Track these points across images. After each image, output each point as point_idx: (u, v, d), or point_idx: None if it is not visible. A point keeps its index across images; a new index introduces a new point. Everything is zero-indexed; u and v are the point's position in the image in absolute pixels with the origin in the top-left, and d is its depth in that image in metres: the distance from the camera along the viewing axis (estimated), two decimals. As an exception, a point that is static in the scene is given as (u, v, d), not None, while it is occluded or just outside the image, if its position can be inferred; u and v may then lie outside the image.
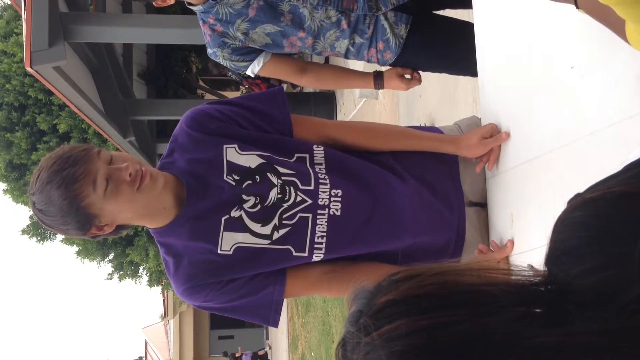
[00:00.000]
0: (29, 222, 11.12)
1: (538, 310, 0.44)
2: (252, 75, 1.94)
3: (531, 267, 0.49)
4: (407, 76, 1.95)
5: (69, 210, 1.23)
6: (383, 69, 1.98)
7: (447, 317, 0.42)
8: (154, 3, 1.82)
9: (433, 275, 0.46)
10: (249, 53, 1.85)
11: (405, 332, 0.42)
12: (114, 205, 1.26)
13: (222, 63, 1.90)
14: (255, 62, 1.87)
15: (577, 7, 0.94)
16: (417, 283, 0.45)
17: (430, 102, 4.44)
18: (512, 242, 1.39)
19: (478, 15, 1.57)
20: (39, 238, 11.20)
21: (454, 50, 1.87)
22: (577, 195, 0.54)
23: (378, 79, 1.96)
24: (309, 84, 2.06)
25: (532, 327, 0.42)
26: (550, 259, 0.50)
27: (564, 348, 0.40)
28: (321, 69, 2.09)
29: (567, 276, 0.47)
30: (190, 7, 1.83)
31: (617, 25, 0.86)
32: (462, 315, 0.42)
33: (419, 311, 0.43)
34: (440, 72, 2.04)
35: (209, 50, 1.87)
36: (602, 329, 0.41)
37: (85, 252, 11.67)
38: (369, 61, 1.90)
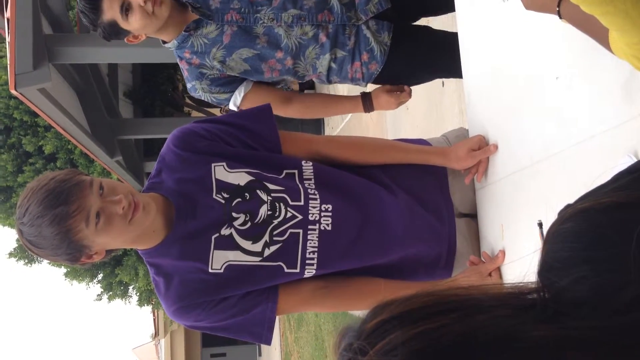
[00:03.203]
0: (16, 245, 11.00)
1: (531, 310, 0.44)
2: (236, 109, 1.84)
3: (523, 282, 0.50)
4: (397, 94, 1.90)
5: (60, 244, 1.21)
6: (368, 89, 1.94)
7: (440, 322, 0.42)
8: (125, 40, 1.78)
9: (419, 294, 0.46)
10: (229, 84, 1.81)
11: (401, 342, 0.42)
12: (106, 237, 1.25)
13: (203, 98, 1.84)
14: (237, 92, 1.82)
15: (560, 18, 0.95)
16: (404, 301, 0.45)
17: (417, 114, 4.47)
18: (503, 252, 1.39)
19: (462, 27, 1.58)
20: (26, 261, 11.09)
21: (438, 55, 1.84)
22: (568, 206, 0.54)
23: (366, 100, 1.91)
24: (296, 113, 1.97)
25: (525, 323, 0.42)
26: (542, 270, 0.50)
27: (559, 341, 0.40)
28: (307, 97, 2.03)
29: (559, 286, 0.47)
30: (165, 46, 1.79)
31: (600, 35, 0.87)
32: (454, 318, 0.42)
33: (411, 322, 0.43)
34: (425, 80, 2.01)
35: (188, 85, 1.83)
36: (594, 325, 0.41)
37: (74, 274, 11.57)
38: (352, 79, 1.85)
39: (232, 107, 1.84)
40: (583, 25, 0.92)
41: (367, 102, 1.91)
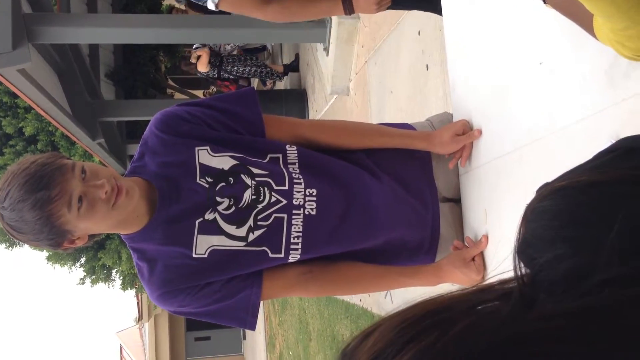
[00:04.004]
0: (-3, 228, 10.88)
1: (508, 302, 0.44)
2: (214, 9, 1.76)
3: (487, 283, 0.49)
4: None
5: (41, 229, 1.19)
6: None
7: (423, 342, 0.41)
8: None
9: (391, 320, 0.45)
10: None
11: None
12: (88, 222, 1.24)
13: None
14: None
15: (545, 3, 0.95)
16: (379, 336, 0.44)
17: (401, 97, 4.46)
18: (486, 237, 1.40)
19: (447, 12, 1.57)
20: (7, 244, 10.98)
21: None
22: (546, 185, 0.54)
23: (346, 1, 1.82)
24: (275, 15, 1.87)
25: (506, 319, 0.42)
26: (520, 248, 0.50)
27: (529, 334, 0.40)
28: None
29: (536, 265, 0.47)
30: None
31: (584, 20, 0.87)
32: (437, 332, 0.41)
33: (395, 353, 0.41)
34: (407, 6, 1.94)
35: None
36: (562, 311, 0.41)
37: (56, 257, 11.48)
38: None
39: (210, 5, 1.77)
40: (567, 10, 0.92)
41: (346, 3, 1.83)
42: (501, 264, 0.53)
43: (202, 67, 8.04)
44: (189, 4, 6.87)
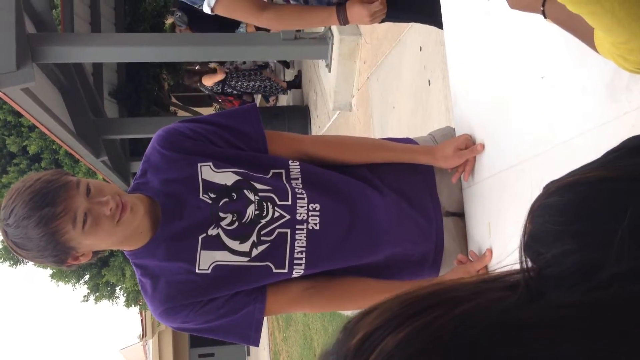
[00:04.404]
0: (1, 247, 10.88)
1: (515, 292, 0.44)
2: (210, 12, 1.77)
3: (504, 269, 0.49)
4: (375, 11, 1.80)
5: (46, 245, 1.20)
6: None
7: (427, 317, 0.41)
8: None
9: (394, 298, 0.45)
10: None
11: (394, 346, 0.40)
12: (93, 239, 1.24)
13: None
14: None
15: (545, 17, 0.95)
16: (381, 311, 0.44)
17: (404, 112, 4.48)
18: (490, 251, 1.40)
19: (448, 26, 1.58)
20: (11, 262, 10.97)
21: None
22: (553, 182, 0.54)
23: (341, 11, 1.81)
24: (269, 23, 1.88)
25: (511, 306, 0.42)
26: (526, 245, 0.50)
27: (539, 323, 0.40)
28: (282, 6, 1.92)
29: (543, 260, 0.46)
30: None
31: (585, 34, 0.87)
32: (441, 310, 0.41)
33: (397, 325, 0.41)
34: (403, 18, 1.96)
35: None
36: (570, 302, 0.41)
37: (60, 275, 11.47)
38: (329, 3, 1.81)
39: (205, 9, 1.76)
40: (568, 24, 0.93)
41: (341, 13, 1.83)
42: (509, 256, 0.53)
43: (209, 81, 8.06)
44: (189, 26, 6.92)
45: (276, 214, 1.35)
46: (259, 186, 1.36)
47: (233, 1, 1.76)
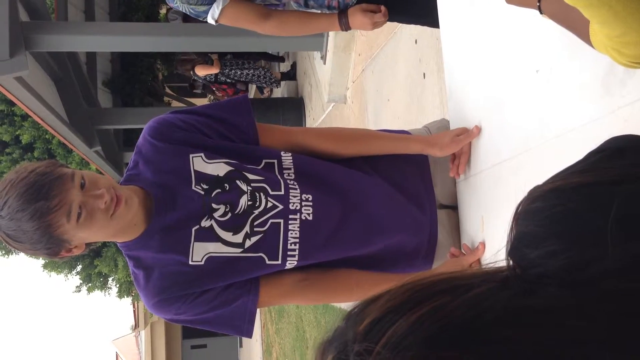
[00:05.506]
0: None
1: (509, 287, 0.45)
2: (214, 23, 1.80)
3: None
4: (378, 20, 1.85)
5: (40, 238, 1.19)
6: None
7: (437, 302, 0.42)
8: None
9: (403, 284, 0.45)
10: None
11: (407, 328, 0.40)
12: (87, 232, 1.23)
13: (180, 9, 1.78)
14: (215, 5, 1.76)
15: (541, 13, 0.95)
16: (389, 297, 0.44)
17: (399, 105, 4.47)
18: (483, 244, 1.40)
19: (444, 20, 1.58)
20: (3, 252, 10.94)
21: None
22: (537, 187, 0.55)
23: (343, 18, 1.86)
24: (273, 30, 1.91)
25: (517, 294, 0.43)
26: (512, 250, 0.51)
27: (551, 308, 0.41)
28: (285, 13, 1.96)
29: (529, 262, 0.47)
30: None
31: (581, 30, 0.87)
32: (451, 296, 0.42)
33: (408, 309, 0.42)
34: (401, 20, 1.97)
35: None
36: (564, 298, 0.42)
37: (52, 265, 11.45)
38: (329, 6, 1.85)
39: (210, 20, 1.79)
40: (563, 20, 0.93)
41: (343, 20, 1.87)
42: (502, 249, 0.54)
43: (203, 72, 8.01)
44: (184, 19, 6.89)
45: (269, 204, 1.35)
46: (251, 177, 1.36)
47: (236, 11, 1.80)
